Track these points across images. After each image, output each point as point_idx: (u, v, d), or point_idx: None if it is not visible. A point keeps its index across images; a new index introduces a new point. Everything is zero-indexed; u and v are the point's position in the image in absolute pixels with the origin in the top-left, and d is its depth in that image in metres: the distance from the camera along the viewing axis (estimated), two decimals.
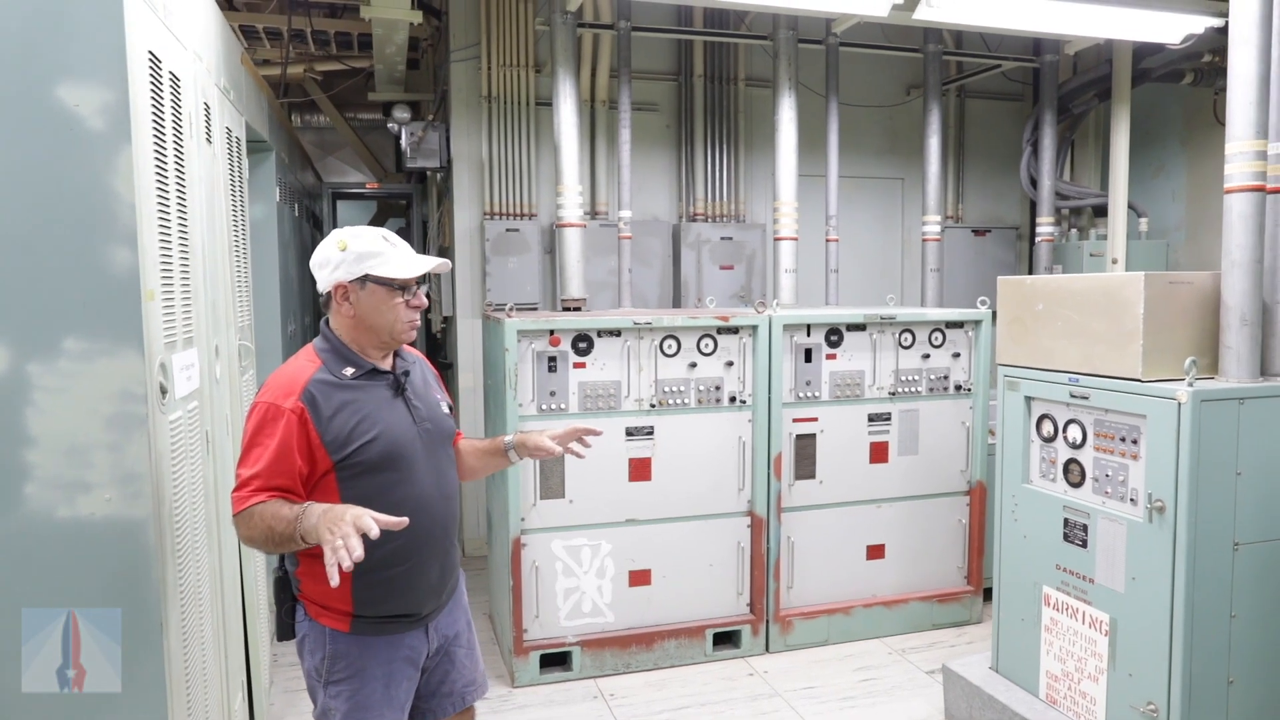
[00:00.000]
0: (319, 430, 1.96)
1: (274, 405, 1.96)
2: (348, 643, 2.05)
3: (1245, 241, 2.64)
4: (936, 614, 4.39)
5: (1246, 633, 2.68)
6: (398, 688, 2.10)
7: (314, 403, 1.97)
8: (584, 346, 3.82)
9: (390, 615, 2.07)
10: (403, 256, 2.07)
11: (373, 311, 2.05)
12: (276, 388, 2.00)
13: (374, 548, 1.92)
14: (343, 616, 2.05)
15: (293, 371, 2.04)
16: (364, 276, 2.04)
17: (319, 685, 2.08)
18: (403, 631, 2.10)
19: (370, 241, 2.05)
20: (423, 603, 2.12)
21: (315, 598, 2.06)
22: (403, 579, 2.06)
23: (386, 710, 2.08)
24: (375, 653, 2.07)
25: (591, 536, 3.85)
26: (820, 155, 5.48)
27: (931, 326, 4.32)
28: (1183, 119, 5.95)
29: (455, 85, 5.40)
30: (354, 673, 2.05)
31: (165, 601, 2.00)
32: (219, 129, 2.91)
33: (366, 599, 2.04)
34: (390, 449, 2.02)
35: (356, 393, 2.02)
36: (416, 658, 2.14)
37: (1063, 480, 3.06)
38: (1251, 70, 2.60)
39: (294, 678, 3.86)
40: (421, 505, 2.06)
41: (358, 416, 2.00)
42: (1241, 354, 2.66)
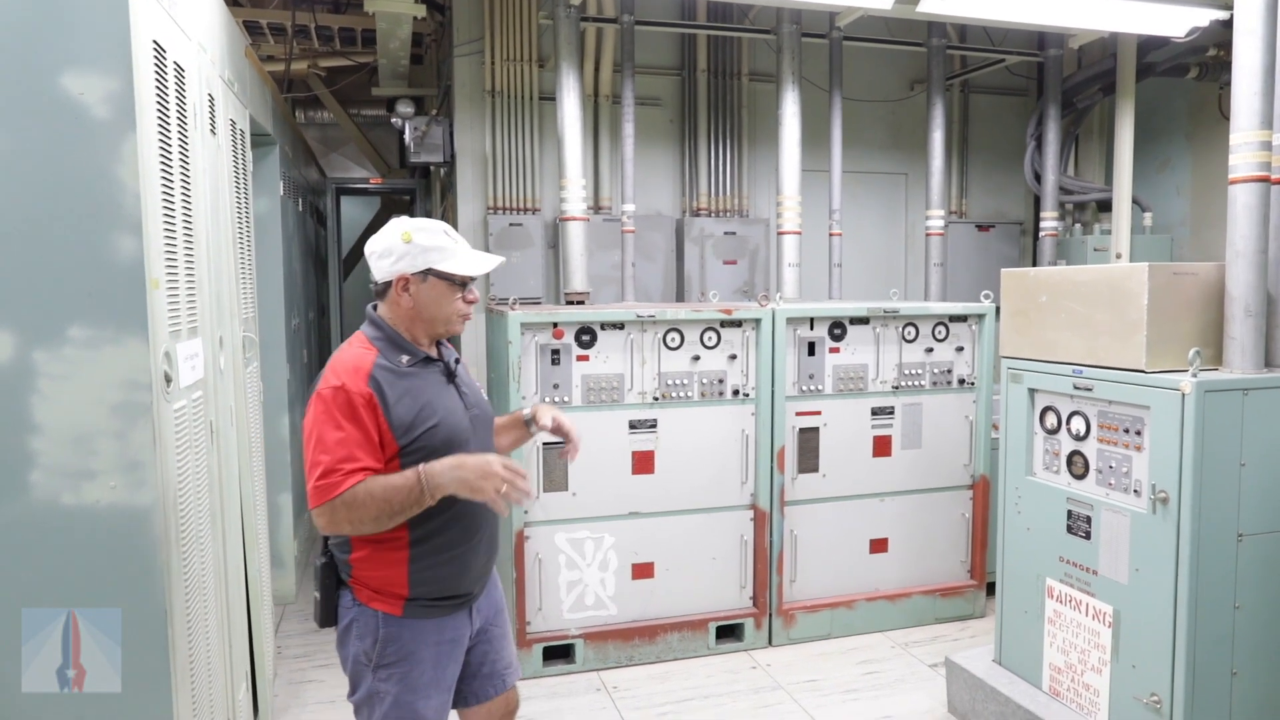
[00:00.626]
0: (386, 416, 1.97)
1: (343, 389, 1.95)
2: (399, 626, 2.06)
3: (1249, 232, 2.64)
4: (939, 608, 4.39)
5: (1250, 624, 2.67)
6: (445, 669, 2.14)
7: (380, 389, 1.98)
8: (587, 339, 3.82)
9: (441, 597, 2.10)
10: (467, 253, 2.11)
11: (431, 304, 2.08)
12: (343, 373, 1.98)
13: (432, 534, 2.03)
14: (396, 600, 2.06)
15: (353, 359, 2.02)
16: (427, 270, 2.05)
17: (367, 669, 2.08)
18: (450, 613, 2.13)
19: (435, 235, 2.07)
20: (472, 584, 2.16)
21: (369, 583, 2.06)
22: (459, 561, 2.10)
23: (435, 692, 2.11)
24: (425, 635, 2.09)
25: (594, 529, 3.85)
26: (824, 150, 5.48)
27: (935, 320, 4.32)
28: (1187, 113, 5.93)
29: (459, 80, 5.41)
30: (404, 655, 2.07)
31: (169, 590, 2.01)
32: (223, 121, 2.92)
33: (421, 581, 2.06)
34: (450, 434, 2.05)
35: (415, 380, 2.05)
36: (462, 639, 2.17)
37: (1066, 472, 3.05)
38: (1256, 61, 2.59)
39: (297, 670, 3.88)
40: None
41: (420, 403, 2.02)
42: (1246, 345, 2.66)
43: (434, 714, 2.11)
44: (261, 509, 3.49)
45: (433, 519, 2.02)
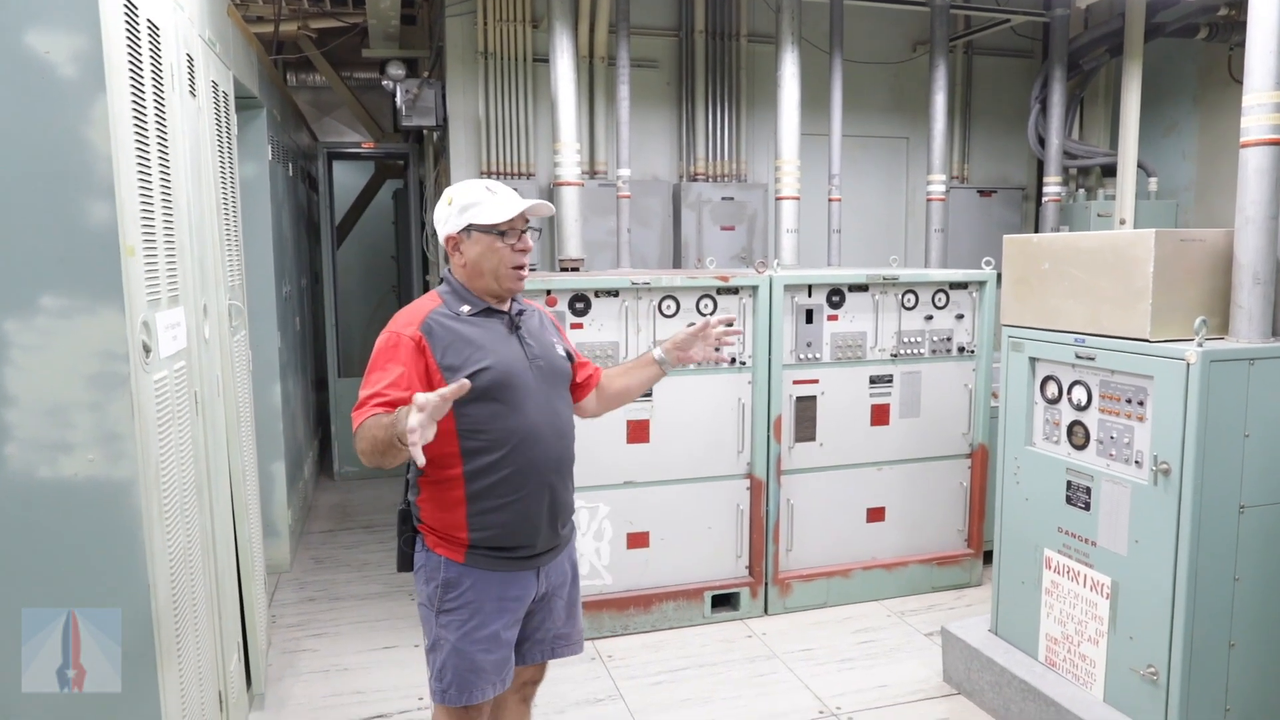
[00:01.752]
0: (436, 357, 2.05)
1: (395, 333, 2.08)
2: (460, 572, 2.12)
3: (1260, 197, 2.57)
4: (936, 576, 4.38)
5: (1249, 596, 2.65)
6: (506, 627, 2.15)
7: (431, 332, 2.07)
8: (581, 307, 3.76)
9: (503, 548, 2.13)
10: (501, 201, 2.13)
11: (479, 259, 2.13)
12: (400, 320, 2.12)
13: (485, 475, 2.08)
14: (458, 546, 2.12)
15: (416, 307, 2.15)
16: (468, 226, 2.13)
17: (431, 614, 2.15)
18: (515, 570, 2.15)
19: (471, 192, 2.14)
20: (535, 539, 2.16)
21: (434, 526, 2.14)
22: (514, 509, 2.11)
23: (495, 647, 2.13)
24: (488, 589, 2.12)
25: (589, 499, 3.82)
26: (823, 113, 5.37)
27: (935, 287, 4.25)
28: (1196, 76, 5.81)
29: (451, 41, 5.28)
30: (465, 604, 2.12)
31: (152, 563, 1.97)
32: (204, 82, 2.83)
33: (480, 526, 2.10)
34: (501, 378, 2.08)
35: (472, 327, 2.12)
36: (526, 599, 2.19)
37: (1066, 442, 3.01)
38: (1273, 17, 2.50)
39: (292, 639, 3.87)
40: (532, 436, 2.12)
41: (472, 346, 2.08)
42: (1253, 313, 2.60)
43: (493, 668, 2.14)
44: (252, 479, 3.45)
45: (481, 458, 2.07)
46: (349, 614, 4.15)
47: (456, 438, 2.08)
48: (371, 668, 3.61)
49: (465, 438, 2.08)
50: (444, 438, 2.07)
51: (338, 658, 3.70)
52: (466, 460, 2.09)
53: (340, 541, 5.20)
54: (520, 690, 2.38)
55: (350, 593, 4.41)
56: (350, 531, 5.38)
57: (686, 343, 2.41)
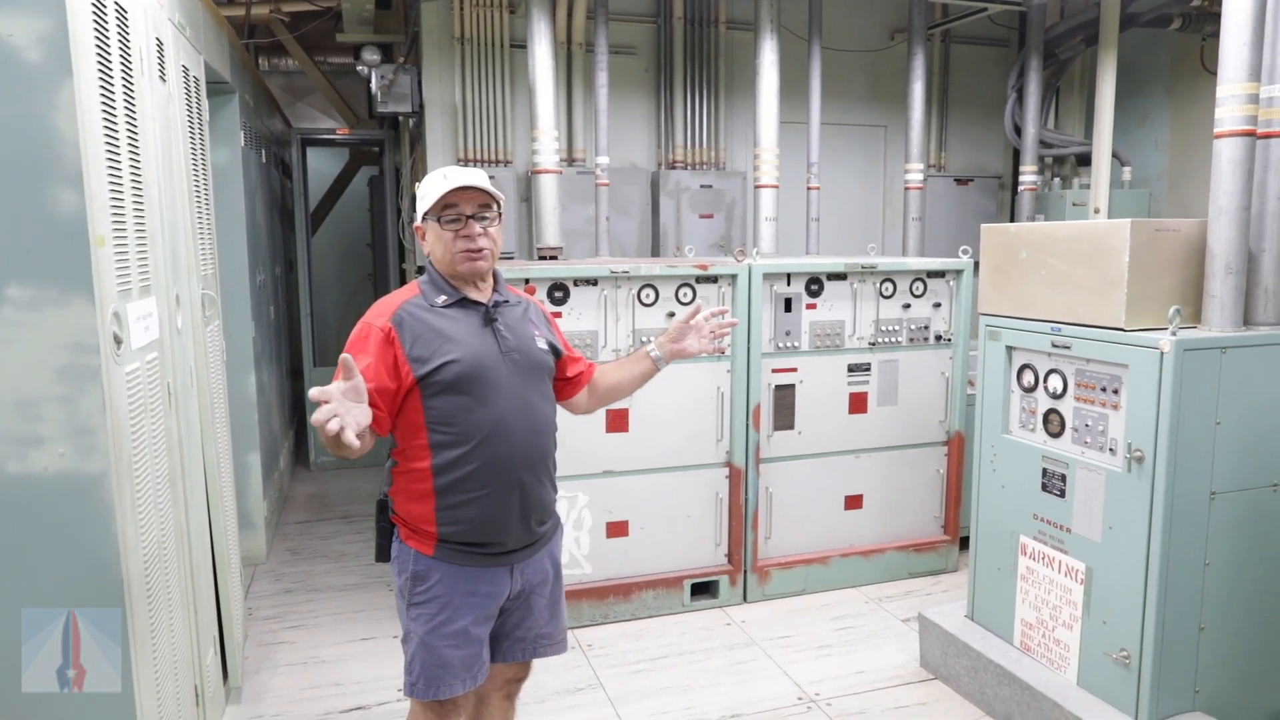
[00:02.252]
0: (405, 348, 2.03)
1: (367, 324, 2.08)
2: (429, 565, 2.11)
3: (1233, 188, 2.59)
4: (913, 563, 4.42)
5: (1219, 580, 2.69)
6: (475, 624, 2.13)
7: (402, 323, 2.05)
8: (560, 296, 3.74)
9: (472, 544, 2.11)
10: (448, 186, 2.07)
11: (434, 246, 2.14)
12: (374, 311, 2.11)
13: (452, 469, 2.07)
14: (428, 539, 2.11)
15: (392, 298, 2.14)
16: (425, 216, 2.13)
17: (404, 605, 2.15)
18: (486, 566, 2.13)
19: (428, 181, 2.13)
20: (504, 536, 2.13)
21: (406, 519, 2.14)
22: (481, 504, 2.09)
23: (464, 643, 2.11)
24: (456, 583, 2.11)
25: (568, 488, 3.81)
26: (802, 101, 5.37)
27: (913, 276, 4.27)
28: (1169, 66, 5.86)
29: (426, 26, 5.21)
30: (433, 598, 2.10)
31: (125, 557, 1.94)
32: (174, 67, 2.77)
33: (449, 520, 2.09)
34: (470, 371, 2.06)
35: (444, 319, 2.09)
36: (498, 595, 2.17)
37: (1042, 430, 3.04)
38: (1247, 9, 2.52)
39: (269, 631, 3.84)
40: (501, 431, 2.09)
41: (442, 338, 2.06)
42: (1225, 303, 2.64)
43: (461, 664, 2.12)
44: (227, 470, 3.41)
45: (448, 451, 2.06)
46: (326, 605, 4.12)
47: (425, 430, 2.06)
48: (349, 659, 3.60)
49: (433, 431, 2.06)
50: (412, 430, 2.06)
51: (315, 650, 3.68)
52: (434, 453, 2.07)
53: (317, 532, 5.16)
54: (504, 687, 2.36)
55: (328, 584, 4.38)
56: (327, 522, 5.34)
57: (678, 333, 2.40)
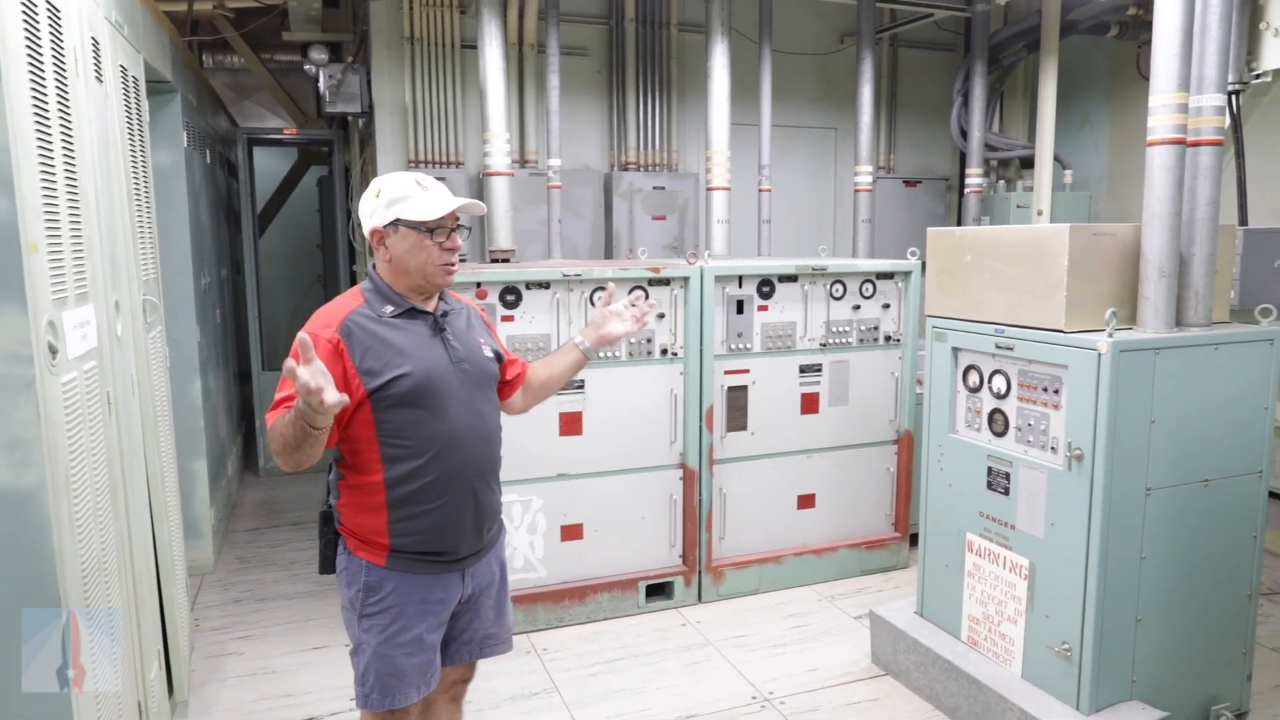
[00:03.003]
0: (354, 361, 1.99)
1: (313, 334, 1.97)
2: (381, 576, 2.08)
3: (1165, 194, 2.68)
4: (865, 560, 4.48)
5: (1155, 574, 2.78)
6: (430, 630, 2.13)
7: (350, 334, 2.01)
8: (512, 299, 3.72)
9: (426, 553, 2.10)
10: (431, 198, 2.07)
11: (406, 255, 2.07)
12: (318, 320, 2.05)
13: (406, 482, 2.04)
14: (379, 550, 2.08)
15: (335, 307, 2.08)
16: (395, 221, 2.06)
17: (354, 617, 2.12)
18: (439, 573, 2.13)
19: (401, 186, 2.07)
20: (458, 544, 2.13)
21: (355, 530, 2.10)
22: (436, 515, 2.08)
23: (418, 650, 2.11)
24: (410, 592, 2.09)
25: (522, 492, 3.80)
26: (754, 103, 5.42)
27: (862, 277, 4.33)
28: (1107, 72, 6.03)
29: (375, 25, 5.15)
30: (387, 608, 2.08)
31: (63, 573, 1.89)
32: (111, 67, 2.70)
33: (401, 532, 2.07)
34: (423, 383, 2.04)
35: (394, 330, 2.06)
36: (450, 601, 2.17)
37: (987, 430, 3.11)
38: (1176, 23, 2.60)
39: (216, 642, 3.77)
40: (454, 442, 2.08)
41: (393, 350, 2.03)
42: (1159, 305, 2.72)
43: (416, 672, 2.12)
44: (171, 479, 3.34)
45: (402, 464, 2.04)
46: (277, 614, 4.05)
47: (377, 443, 2.04)
48: (301, 669, 3.54)
49: (386, 444, 2.03)
50: (365, 444, 2.04)
51: (265, 660, 3.62)
52: (387, 467, 2.05)
53: (267, 540, 5.07)
54: (450, 690, 2.36)
55: (278, 592, 4.30)
56: (277, 529, 5.25)
57: (601, 320, 2.42)
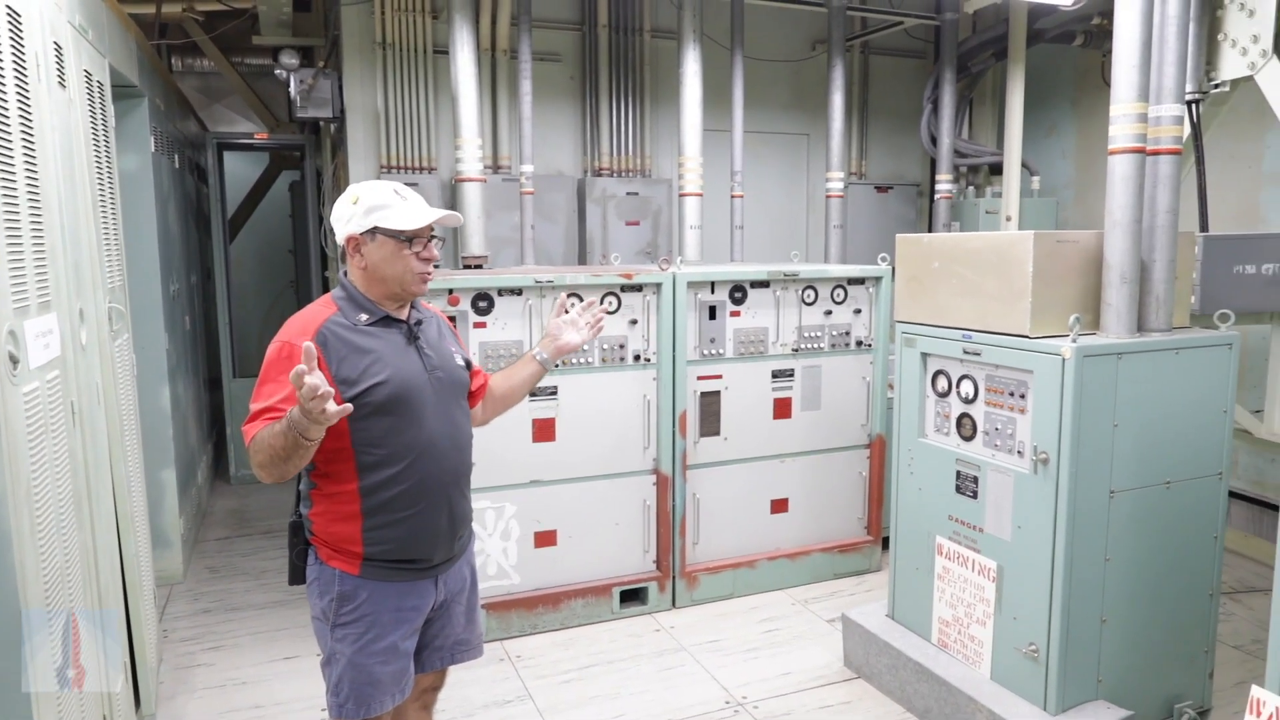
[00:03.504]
0: (331, 370, 1.98)
1: (287, 343, 1.99)
2: (355, 585, 2.07)
3: (1126, 201, 2.73)
4: (838, 564, 4.51)
5: (1119, 574, 2.83)
6: (404, 637, 2.12)
7: (326, 344, 2.00)
8: (484, 306, 3.72)
9: (399, 561, 2.09)
10: (411, 208, 2.08)
11: (382, 263, 2.07)
12: (292, 328, 2.04)
13: (381, 490, 2.04)
14: (352, 559, 2.07)
15: (309, 315, 2.07)
16: (373, 229, 2.06)
17: (327, 628, 2.10)
18: (413, 580, 2.12)
19: (380, 194, 2.07)
20: (432, 551, 2.13)
21: (328, 540, 2.09)
22: (411, 523, 2.08)
23: (393, 658, 2.10)
24: (384, 600, 2.09)
25: (495, 499, 3.79)
26: (726, 109, 5.44)
27: (834, 283, 4.37)
28: (1074, 80, 6.13)
29: (347, 30, 5.13)
30: (361, 617, 2.07)
31: (24, 585, 1.86)
32: (75, 72, 2.67)
33: (375, 540, 2.06)
34: (399, 392, 2.04)
35: (369, 338, 2.06)
36: (424, 608, 2.17)
37: (956, 434, 3.15)
38: (1135, 35, 2.66)
39: (185, 654, 3.72)
40: (430, 450, 2.09)
41: (369, 359, 2.02)
42: (1121, 311, 2.77)
43: (391, 680, 2.11)
44: (138, 488, 3.30)
45: (377, 473, 2.04)
46: (247, 624, 4.01)
47: (351, 452, 2.03)
48: (272, 680, 3.51)
49: (361, 452, 2.03)
50: (338, 452, 2.03)
51: (235, 671, 3.58)
52: (362, 475, 2.04)
53: (237, 549, 5.02)
54: (420, 698, 2.35)
55: (248, 602, 4.26)
56: (248, 538, 5.20)
57: (556, 330, 2.45)
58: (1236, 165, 5.00)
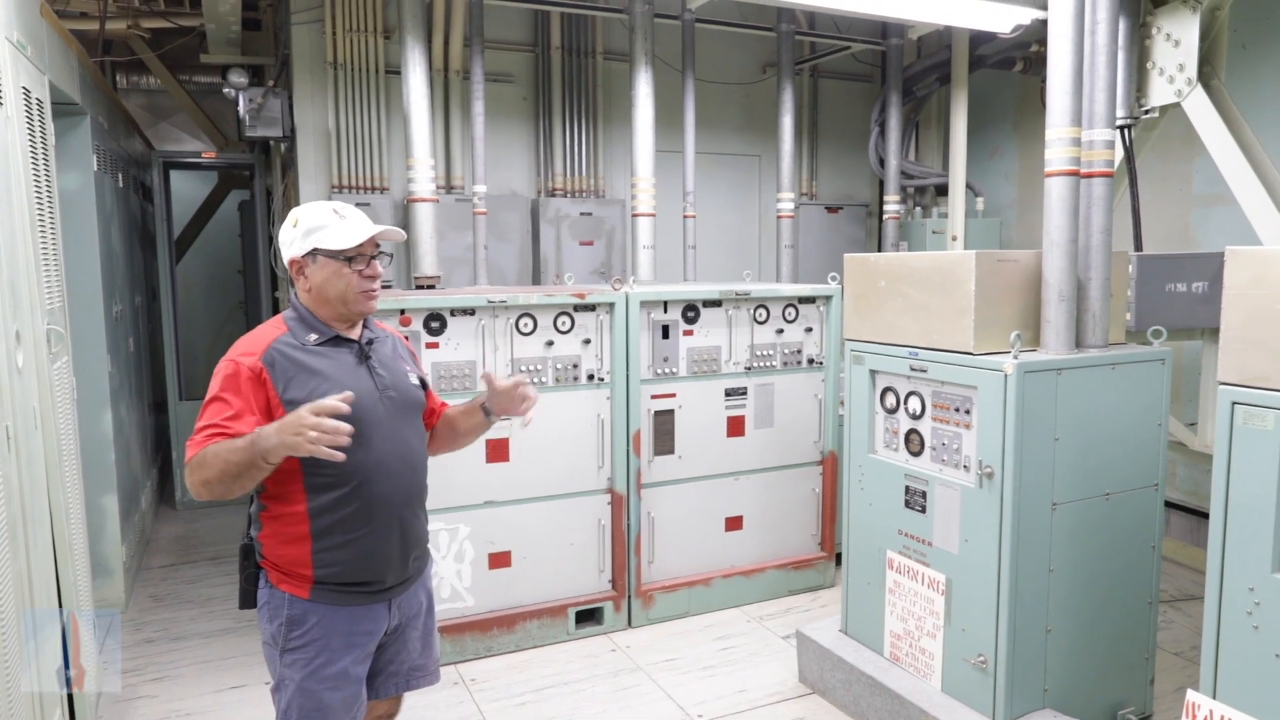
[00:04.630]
0: (278, 389, 1.97)
1: (234, 362, 1.98)
2: (305, 609, 2.04)
3: (1063, 222, 2.82)
4: (792, 580, 4.55)
5: (1062, 585, 2.90)
6: (355, 663, 2.08)
7: (274, 363, 1.99)
8: (437, 326, 3.70)
9: (350, 584, 2.06)
10: (349, 226, 2.06)
11: (325, 284, 2.06)
12: (240, 348, 2.03)
13: (331, 511, 2.01)
14: (302, 582, 2.04)
15: (258, 335, 2.07)
16: (313, 250, 2.05)
17: (276, 653, 2.07)
18: (364, 604, 2.09)
19: (317, 215, 2.07)
20: (384, 573, 2.10)
21: (277, 562, 2.06)
22: (361, 545, 2.05)
23: (344, 684, 2.06)
24: (335, 624, 2.06)
25: (448, 520, 3.76)
26: (678, 131, 5.51)
27: (785, 302, 4.43)
28: (1014, 105, 6.32)
29: (297, 50, 5.10)
30: (310, 641, 2.04)
31: None
32: (12, 89, 2.62)
33: (325, 563, 2.04)
34: (349, 412, 1.96)
35: (318, 358, 2.05)
36: (376, 633, 2.13)
37: (904, 450, 3.20)
38: (1067, 63, 2.76)
39: (127, 685, 3.62)
40: (381, 471, 2.07)
41: (318, 379, 2.01)
42: (1059, 327, 2.85)
43: (341, 706, 2.07)
44: (78, 515, 3.21)
45: (326, 494, 2.02)
46: (192, 654, 3.90)
47: (300, 473, 2.01)
48: (217, 710, 3.42)
49: (309, 473, 2.01)
50: (288, 473, 2.00)
51: (179, 702, 3.48)
52: (310, 496, 2.02)
53: (182, 576, 4.89)
54: None
55: (194, 631, 4.15)
56: (194, 565, 5.07)
57: (505, 396, 2.27)
58: (1168, 187, 5.19)
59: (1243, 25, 4.64)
